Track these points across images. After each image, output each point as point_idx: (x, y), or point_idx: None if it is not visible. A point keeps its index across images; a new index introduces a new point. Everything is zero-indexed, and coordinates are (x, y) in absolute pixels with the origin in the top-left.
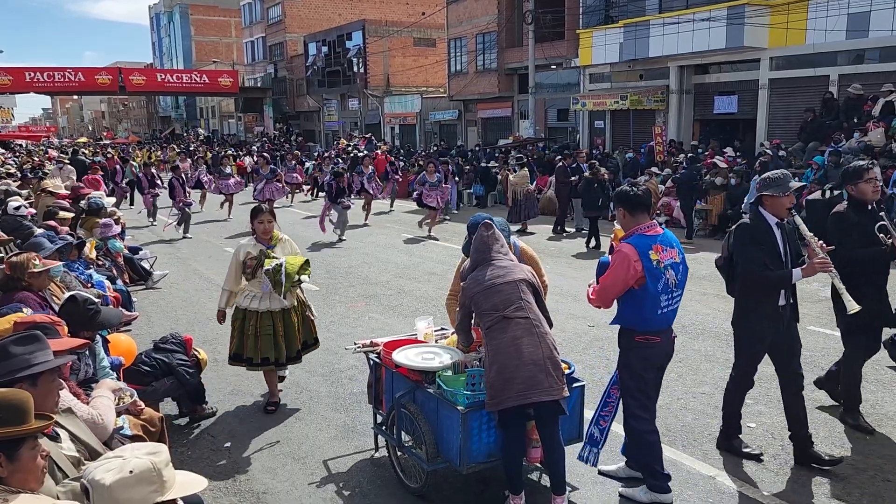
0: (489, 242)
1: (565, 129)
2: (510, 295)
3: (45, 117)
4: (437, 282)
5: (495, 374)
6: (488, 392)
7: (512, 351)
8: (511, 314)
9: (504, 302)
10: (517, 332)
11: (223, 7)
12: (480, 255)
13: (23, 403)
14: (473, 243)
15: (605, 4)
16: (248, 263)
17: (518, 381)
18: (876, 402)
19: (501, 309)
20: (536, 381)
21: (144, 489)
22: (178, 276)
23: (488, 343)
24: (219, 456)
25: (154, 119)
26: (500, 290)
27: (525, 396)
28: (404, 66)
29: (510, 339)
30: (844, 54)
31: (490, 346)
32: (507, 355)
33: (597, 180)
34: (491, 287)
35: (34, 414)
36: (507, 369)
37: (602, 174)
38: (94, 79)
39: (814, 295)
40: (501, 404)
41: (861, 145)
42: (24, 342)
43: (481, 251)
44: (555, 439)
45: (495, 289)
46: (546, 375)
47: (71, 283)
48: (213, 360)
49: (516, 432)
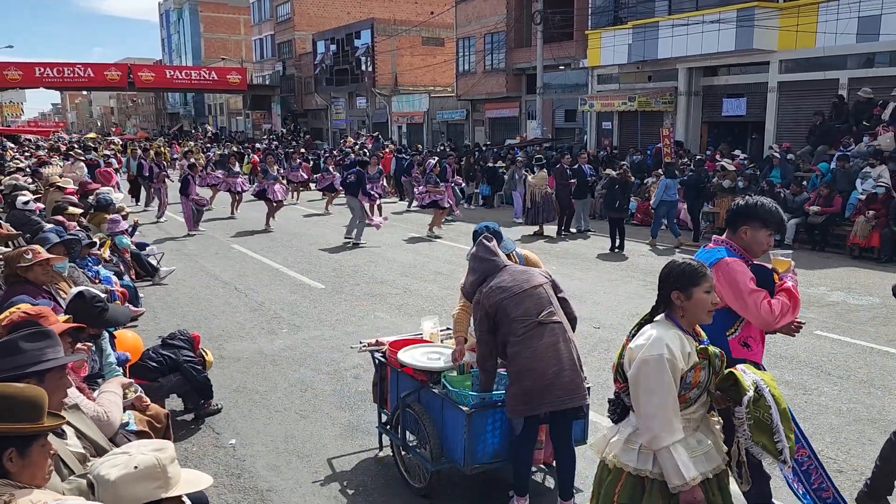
0: (495, 250)
1: (573, 130)
2: (541, 299)
3: (54, 112)
4: (444, 281)
5: (533, 380)
6: (520, 398)
7: (551, 357)
8: (546, 319)
9: (536, 306)
10: (553, 338)
11: (233, 4)
12: (488, 263)
13: (39, 400)
14: (477, 253)
15: (615, 5)
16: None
17: (558, 386)
18: (883, 407)
19: (535, 314)
20: (575, 385)
21: (148, 485)
22: (185, 273)
23: (521, 350)
24: (223, 453)
25: (162, 115)
26: (530, 294)
27: (564, 402)
28: (412, 66)
29: (548, 344)
30: (854, 57)
31: (525, 352)
32: (547, 362)
33: (620, 181)
34: (522, 292)
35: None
36: (546, 376)
37: (628, 175)
38: (104, 75)
39: (821, 299)
40: (536, 410)
41: (870, 149)
42: (34, 338)
43: (490, 259)
44: (569, 443)
45: (526, 293)
46: (581, 379)
47: (78, 279)
48: (219, 357)
49: (532, 435)
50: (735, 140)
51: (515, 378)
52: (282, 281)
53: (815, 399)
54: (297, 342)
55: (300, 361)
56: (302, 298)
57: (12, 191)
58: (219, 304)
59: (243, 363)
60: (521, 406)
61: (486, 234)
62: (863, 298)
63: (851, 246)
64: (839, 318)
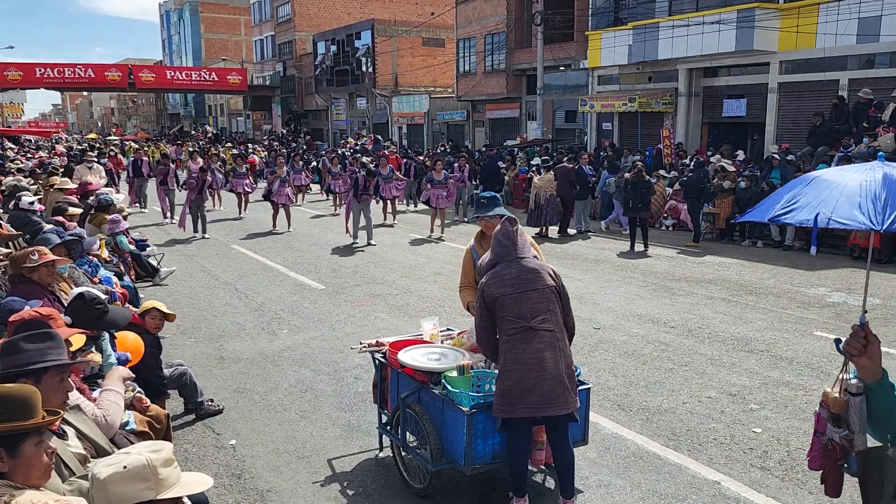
0: (514, 238)
1: (573, 131)
2: (538, 304)
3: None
4: (444, 282)
5: (513, 382)
6: (500, 398)
7: (534, 363)
8: (537, 325)
9: (532, 311)
10: (541, 345)
11: (233, 5)
12: (505, 250)
13: (25, 398)
14: (498, 236)
15: (615, 6)
16: None
17: (536, 393)
18: None
19: (528, 319)
20: (554, 395)
21: (137, 485)
22: (185, 274)
23: (508, 350)
24: (223, 454)
25: (163, 116)
26: (528, 297)
27: (540, 410)
28: (413, 66)
29: (533, 350)
30: (855, 58)
31: (510, 353)
32: (529, 366)
33: (634, 181)
34: (522, 293)
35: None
36: (526, 380)
37: (642, 174)
38: (104, 75)
39: (821, 300)
40: (512, 413)
41: (870, 150)
42: (36, 339)
43: (506, 246)
44: (565, 444)
45: (525, 295)
46: (563, 390)
47: (79, 279)
48: (220, 358)
49: (522, 435)
50: (735, 141)
51: (499, 375)
52: (282, 282)
53: (816, 400)
54: (297, 343)
55: (300, 362)
56: (302, 299)
57: (13, 191)
58: (219, 304)
59: (244, 364)
60: (499, 406)
61: (509, 217)
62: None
63: (852, 247)
64: (839, 320)
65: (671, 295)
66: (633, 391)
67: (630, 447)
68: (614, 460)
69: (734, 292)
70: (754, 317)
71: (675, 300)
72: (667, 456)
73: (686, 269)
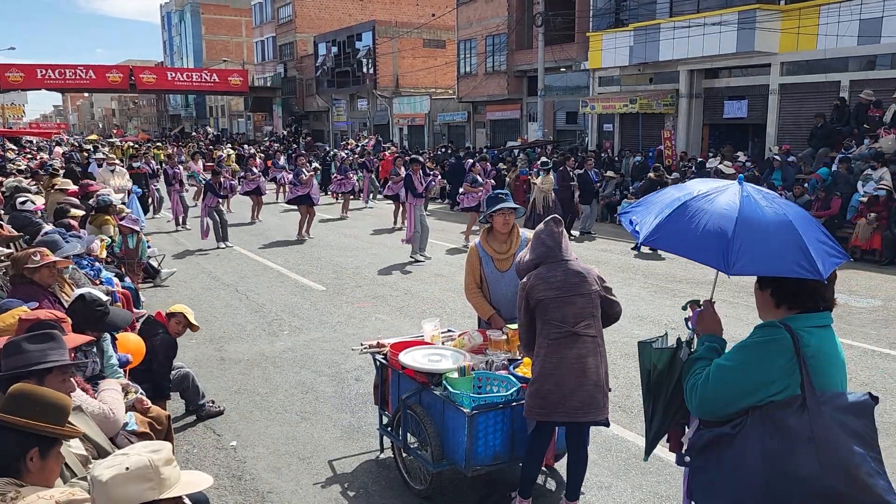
0: (558, 238)
1: (574, 132)
2: (583, 309)
3: (55, 114)
4: (445, 283)
5: (553, 386)
6: (538, 400)
7: (577, 368)
8: (581, 331)
9: (576, 316)
10: (584, 351)
11: (234, 6)
12: (549, 250)
13: (65, 405)
14: (541, 236)
15: (616, 7)
16: None
17: (576, 399)
18: (884, 410)
19: (572, 324)
20: (595, 401)
21: (140, 486)
22: (186, 275)
23: (549, 353)
24: (224, 455)
25: (164, 117)
26: (573, 301)
27: (581, 415)
28: (413, 67)
29: (576, 356)
30: (856, 60)
31: (551, 357)
32: (571, 371)
33: (656, 181)
34: (567, 297)
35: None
36: (566, 385)
37: (665, 176)
38: (105, 76)
39: None
40: (550, 417)
41: (871, 151)
42: (38, 340)
43: (550, 247)
44: (583, 448)
45: (569, 300)
46: (603, 396)
47: (80, 280)
48: (220, 359)
49: (548, 437)
50: (736, 142)
51: (537, 377)
52: (283, 283)
53: None
54: (298, 344)
55: (301, 363)
56: (303, 300)
57: (14, 192)
58: (220, 305)
59: (244, 365)
60: (536, 409)
61: (555, 217)
62: (864, 301)
63: (853, 248)
64: (840, 321)
65: (672, 296)
66: (634, 393)
67: (631, 449)
68: (615, 462)
69: (735, 294)
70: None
71: (676, 301)
72: (668, 458)
73: (687, 270)
